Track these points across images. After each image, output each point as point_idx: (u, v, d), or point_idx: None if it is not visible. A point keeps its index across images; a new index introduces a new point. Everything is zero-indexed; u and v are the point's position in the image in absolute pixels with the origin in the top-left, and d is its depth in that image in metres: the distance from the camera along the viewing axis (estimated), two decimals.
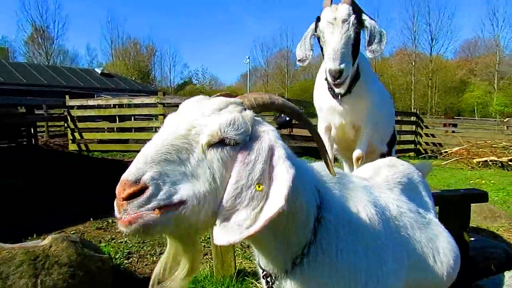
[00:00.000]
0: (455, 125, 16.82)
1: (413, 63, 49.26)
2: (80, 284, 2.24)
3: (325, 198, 1.15)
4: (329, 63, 1.94)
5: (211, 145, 0.90)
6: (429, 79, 48.26)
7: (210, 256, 3.12)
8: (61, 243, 2.31)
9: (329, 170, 1.14)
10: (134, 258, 3.26)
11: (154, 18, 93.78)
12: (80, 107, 10.97)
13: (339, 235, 1.12)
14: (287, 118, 10.04)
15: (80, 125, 10.85)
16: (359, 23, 2.00)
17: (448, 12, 59.26)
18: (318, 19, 2.07)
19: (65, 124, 11.70)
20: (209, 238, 3.35)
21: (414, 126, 13.20)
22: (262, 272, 1.18)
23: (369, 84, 2.27)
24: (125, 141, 10.90)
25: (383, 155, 2.48)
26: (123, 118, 11.44)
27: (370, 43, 2.02)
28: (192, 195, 0.85)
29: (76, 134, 10.69)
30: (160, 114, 10.10)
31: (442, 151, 12.40)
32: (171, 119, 0.98)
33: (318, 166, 1.25)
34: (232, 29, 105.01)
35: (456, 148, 11.75)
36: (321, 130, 2.41)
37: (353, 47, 2.01)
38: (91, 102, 11.17)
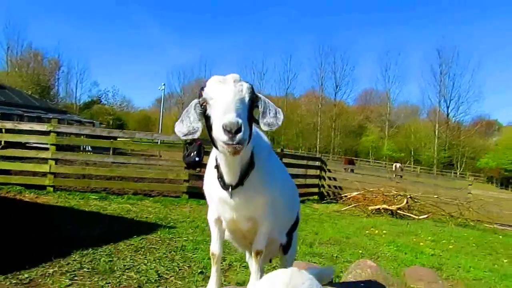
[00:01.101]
0: (352, 170, 18.35)
1: (320, 106, 53.83)
2: None
3: None
4: (225, 117, 1.50)
5: None
6: (333, 122, 53.11)
7: None
8: None
9: None
10: None
11: (64, 30, 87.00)
12: None
13: None
14: (197, 158, 9.73)
15: None
16: (252, 92, 1.67)
17: (350, 64, 66.59)
18: (202, 89, 1.70)
19: None
20: None
21: (318, 170, 13.94)
22: None
23: (267, 175, 1.95)
24: (6, 172, 9.37)
25: (282, 245, 2.33)
26: (8, 144, 9.86)
27: (264, 114, 1.73)
28: None
29: None
30: (52, 144, 8.95)
31: (342, 195, 13.26)
32: None
33: None
34: (150, 52, 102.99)
35: (354, 193, 12.67)
36: (211, 221, 2.11)
37: (248, 118, 1.61)
38: None
